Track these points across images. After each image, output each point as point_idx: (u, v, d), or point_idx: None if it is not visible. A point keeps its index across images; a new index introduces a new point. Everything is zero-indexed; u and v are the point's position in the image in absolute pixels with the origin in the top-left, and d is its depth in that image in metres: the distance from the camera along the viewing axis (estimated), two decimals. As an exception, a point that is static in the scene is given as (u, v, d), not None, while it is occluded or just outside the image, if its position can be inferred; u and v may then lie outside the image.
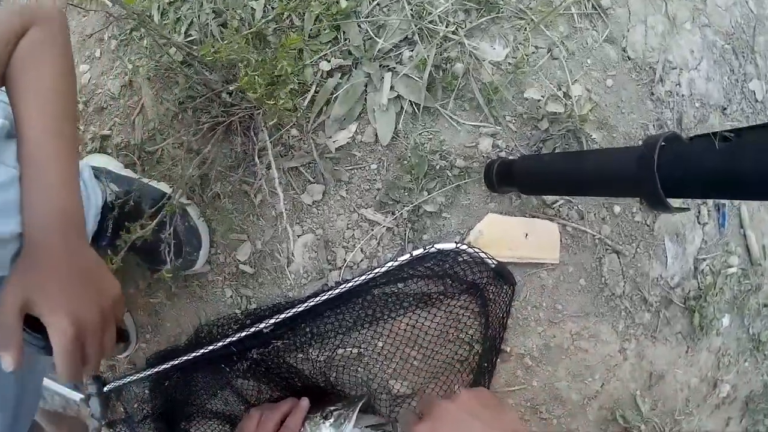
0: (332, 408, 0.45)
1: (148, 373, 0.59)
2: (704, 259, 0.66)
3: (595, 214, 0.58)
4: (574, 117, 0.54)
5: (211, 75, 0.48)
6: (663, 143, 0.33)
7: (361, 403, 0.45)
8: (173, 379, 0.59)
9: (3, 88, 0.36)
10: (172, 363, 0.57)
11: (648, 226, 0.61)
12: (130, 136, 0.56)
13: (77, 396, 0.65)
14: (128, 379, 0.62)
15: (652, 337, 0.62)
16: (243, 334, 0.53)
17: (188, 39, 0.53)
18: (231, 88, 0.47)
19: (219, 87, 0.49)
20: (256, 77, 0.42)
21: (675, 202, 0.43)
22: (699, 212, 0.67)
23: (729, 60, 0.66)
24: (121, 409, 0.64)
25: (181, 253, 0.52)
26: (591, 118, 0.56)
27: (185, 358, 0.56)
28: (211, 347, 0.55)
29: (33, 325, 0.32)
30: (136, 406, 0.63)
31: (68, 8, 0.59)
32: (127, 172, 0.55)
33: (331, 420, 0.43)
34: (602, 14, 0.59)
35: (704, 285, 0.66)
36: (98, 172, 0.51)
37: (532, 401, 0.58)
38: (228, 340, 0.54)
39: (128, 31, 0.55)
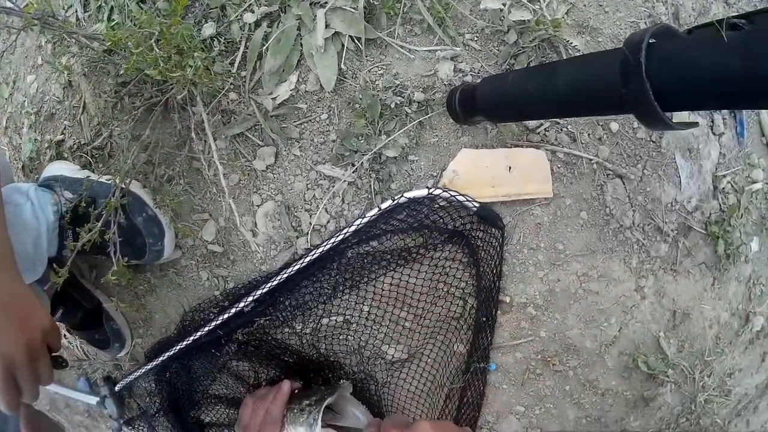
0: (307, 402, 0.40)
1: (149, 366, 0.56)
2: (724, 176, 0.54)
3: (589, 135, 0.47)
4: (545, 23, 0.43)
5: (122, 63, 0.42)
6: (652, 40, 0.23)
7: (326, 402, 0.39)
8: (172, 369, 0.56)
9: None
10: (167, 354, 0.54)
11: (654, 142, 0.50)
12: (80, 137, 0.51)
13: (93, 399, 0.64)
14: (134, 376, 0.59)
15: (672, 270, 0.52)
16: (225, 316, 0.48)
17: (113, 24, 0.48)
18: (147, 71, 0.41)
19: (134, 74, 0.43)
20: (156, 52, 0.36)
21: (678, 116, 0.34)
22: (712, 121, 0.54)
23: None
24: (136, 405, 0.62)
25: (144, 246, 0.47)
26: (568, 22, 0.45)
27: (177, 348, 0.53)
28: (197, 334, 0.51)
29: None
30: (148, 400, 0.61)
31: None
32: (83, 173, 0.50)
33: (305, 416, 0.38)
34: None
35: (727, 206, 0.54)
36: (53, 182, 0.46)
37: (543, 353, 0.50)
38: (212, 324, 0.49)
39: (52, 35, 0.50)
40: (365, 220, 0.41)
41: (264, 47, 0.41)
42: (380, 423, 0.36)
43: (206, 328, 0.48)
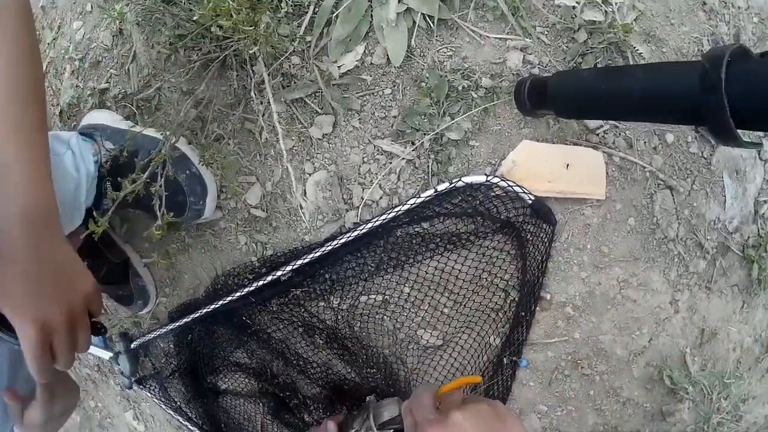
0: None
1: (171, 327, 0.54)
2: (765, 202, 0.54)
3: (645, 143, 0.47)
4: (616, 27, 0.42)
5: (196, 9, 0.41)
6: (731, 58, 0.23)
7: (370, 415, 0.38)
8: (195, 332, 0.54)
9: None
10: (192, 316, 0.52)
11: (705, 158, 0.49)
12: (126, 86, 0.49)
13: (106, 354, 0.61)
14: (153, 335, 0.56)
15: (707, 288, 0.51)
16: (259, 283, 0.46)
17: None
18: (220, 22, 0.39)
19: (207, 21, 0.41)
20: (229, 3, 0.34)
21: (744, 135, 0.33)
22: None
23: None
24: (150, 364, 0.59)
25: (185, 204, 0.45)
26: (636, 29, 0.45)
27: (204, 311, 0.51)
28: (227, 299, 0.49)
29: (6, 321, 0.29)
30: (163, 361, 0.58)
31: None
32: (126, 124, 0.48)
33: None
34: None
35: (765, 232, 0.54)
36: (93, 131, 0.44)
37: (573, 355, 0.48)
38: (245, 290, 0.47)
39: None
40: (420, 200, 0.40)
41: (334, 14, 0.40)
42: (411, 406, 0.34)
43: (239, 293, 0.46)
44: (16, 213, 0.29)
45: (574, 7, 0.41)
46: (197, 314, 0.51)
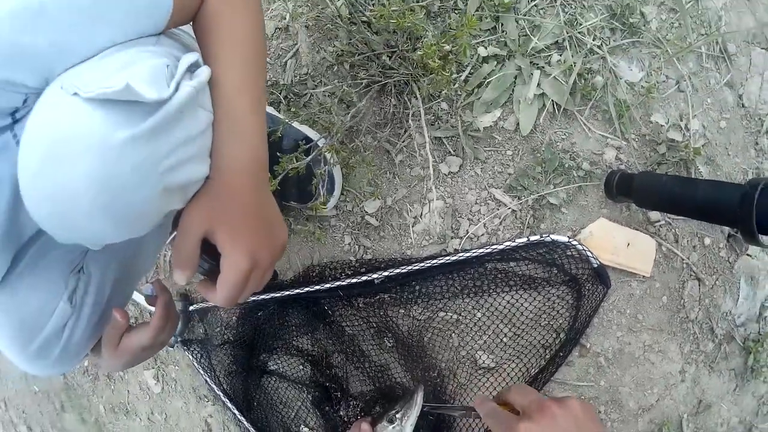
0: (393, 411, 0.53)
1: (249, 300, 0.72)
2: None
3: (687, 241, 0.73)
4: (689, 148, 0.70)
5: (373, 36, 0.62)
6: (764, 186, 0.50)
7: (417, 400, 0.52)
8: (269, 310, 0.73)
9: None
10: (272, 295, 0.71)
11: (729, 263, 0.77)
12: (279, 77, 0.70)
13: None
14: None
15: (710, 366, 0.78)
16: (353, 280, 0.67)
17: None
18: (394, 51, 0.61)
19: (380, 49, 0.63)
20: (434, 48, 0.57)
21: (765, 240, 0.59)
22: None
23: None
24: (201, 330, 0.77)
25: (311, 194, 0.65)
26: (702, 153, 0.72)
27: (289, 292, 0.70)
28: (319, 287, 0.68)
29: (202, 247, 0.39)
30: (217, 329, 0.76)
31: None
32: (270, 110, 0.68)
33: (395, 424, 0.52)
34: (727, 59, 0.75)
35: (764, 332, 0.82)
36: None
37: (596, 400, 0.73)
38: (337, 283, 0.68)
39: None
40: (514, 244, 0.63)
41: (486, 80, 0.63)
42: (514, 386, 0.44)
43: (330, 285, 0.67)
44: (247, 158, 0.38)
45: (663, 126, 0.67)
46: (279, 294, 0.70)
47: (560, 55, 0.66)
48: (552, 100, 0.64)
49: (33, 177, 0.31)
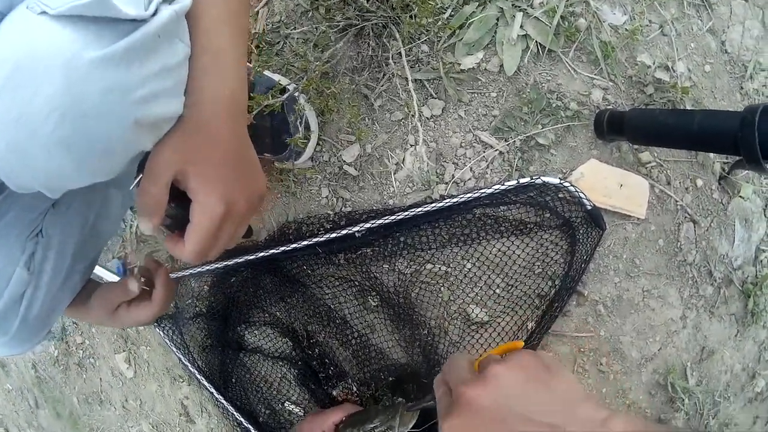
0: (371, 426, 0.50)
1: (218, 266, 0.69)
2: (764, 251, 0.83)
3: (680, 182, 0.73)
4: (677, 89, 0.70)
5: None
6: (763, 110, 0.50)
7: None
8: (241, 275, 0.69)
9: None
10: (246, 257, 0.67)
11: (723, 204, 0.77)
12: (251, 26, 0.68)
13: (116, 279, 0.74)
14: (189, 272, 0.71)
15: (710, 312, 0.78)
16: (332, 235, 0.65)
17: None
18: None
19: None
20: None
21: None
22: (766, 206, 0.84)
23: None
24: (171, 304, 0.73)
25: (285, 144, 0.63)
26: (690, 94, 0.73)
27: (263, 253, 0.67)
28: (296, 245, 0.66)
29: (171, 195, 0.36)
30: (188, 302, 0.72)
31: None
32: (242, 60, 0.66)
33: None
34: (708, 7, 0.76)
35: (761, 275, 0.83)
36: None
37: (596, 352, 0.72)
38: (314, 240, 0.65)
39: None
40: (503, 187, 0.62)
41: (468, 21, 0.62)
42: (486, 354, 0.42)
43: (308, 241, 0.64)
44: (227, 94, 0.35)
45: (649, 66, 0.67)
46: (254, 256, 0.67)
47: (541, -4, 0.66)
48: (536, 41, 0.64)
49: None
